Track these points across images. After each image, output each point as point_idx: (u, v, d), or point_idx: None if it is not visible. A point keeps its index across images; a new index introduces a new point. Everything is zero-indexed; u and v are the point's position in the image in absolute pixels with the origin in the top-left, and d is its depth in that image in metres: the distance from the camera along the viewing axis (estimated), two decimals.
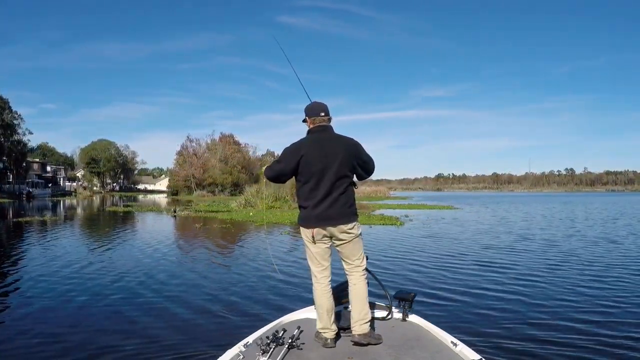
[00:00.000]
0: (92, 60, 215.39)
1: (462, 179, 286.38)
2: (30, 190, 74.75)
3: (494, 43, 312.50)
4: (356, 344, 3.78)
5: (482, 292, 8.79)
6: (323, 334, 3.83)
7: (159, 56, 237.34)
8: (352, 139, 4.01)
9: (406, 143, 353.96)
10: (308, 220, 3.87)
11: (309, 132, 4.00)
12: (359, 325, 3.83)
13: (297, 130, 4.13)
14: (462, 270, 11.00)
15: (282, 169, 3.94)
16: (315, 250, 3.91)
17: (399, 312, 4.44)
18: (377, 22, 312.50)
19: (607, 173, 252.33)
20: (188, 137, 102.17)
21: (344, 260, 4.01)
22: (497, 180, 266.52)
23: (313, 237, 3.86)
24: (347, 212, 3.86)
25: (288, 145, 3.97)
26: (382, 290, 4.55)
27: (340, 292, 4.25)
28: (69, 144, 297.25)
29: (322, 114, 3.97)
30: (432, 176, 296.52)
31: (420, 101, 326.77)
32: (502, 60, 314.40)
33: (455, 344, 3.71)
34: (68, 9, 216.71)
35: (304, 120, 4.06)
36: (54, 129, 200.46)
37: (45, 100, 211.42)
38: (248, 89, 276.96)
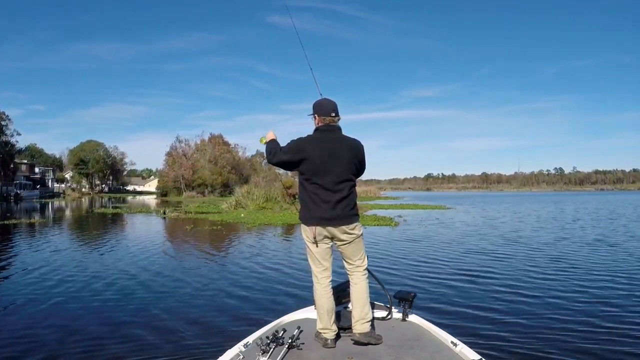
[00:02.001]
0: (81, 60, 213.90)
1: (452, 178, 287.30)
2: (19, 192, 74.25)
3: (484, 43, 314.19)
4: (356, 342, 3.76)
5: (483, 292, 8.81)
6: (323, 334, 3.80)
7: (148, 56, 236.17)
8: (357, 141, 4.01)
9: (396, 143, 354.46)
10: (310, 219, 3.84)
11: (316, 129, 3.95)
12: (360, 324, 3.81)
13: (288, 131, 4.11)
14: (461, 271, 11.02)
15: (287, 161, 3.92)
16: (316, 250, 3.88)
17: (398, 312, 4.42)
18: (367, 23, 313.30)
19: (596, 172, 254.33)
20: (177, 137, 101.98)
21: (345, 261, 4.00)
22: (487, 180, 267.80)
23: (314, 237, 3.82)
24: (348, 214, 3.85)
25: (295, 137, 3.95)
26: (382, 290, 4.52)
27: (340, 292, 4.22)
28: (57, 145, 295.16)
29: (333, 113, 3.93)
30: (422, 176, 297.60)
31: (410, 101, 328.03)
32: (491, 61, 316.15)
33: (455, 344, 3.70)
34: (57, 9, 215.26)
35: (312, 115, 4.00)
36: (42, 130, 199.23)
37: (33, 101, 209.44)
38: (238, 89, 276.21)
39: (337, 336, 3.87)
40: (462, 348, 3.62)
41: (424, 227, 23.01)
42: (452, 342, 3.74)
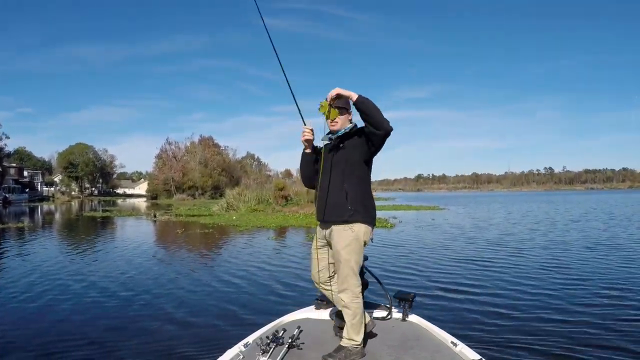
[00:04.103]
0: (70, 63, 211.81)
1: (442, 179, 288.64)
2: (7, 195, 73.39)
3: (473, 44, 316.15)
4: None
5: (483, 292, 8.85)
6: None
7: (138, 58, 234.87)
8: None
9: (386, 144, 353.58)
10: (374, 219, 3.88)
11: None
12: None
13: (278, 133, 3.98)
14: (461, 271, 11.06)
15: None
16: None
17: (398, 312, 4.42)
18: (357, 23, 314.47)
19: (586, 171, 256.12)
20: (167, 140, 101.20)
21: None
22: (477, 180, 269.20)
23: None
24: None
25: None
26: (382, 290, 4.50)
27: None
28: (46, 148, 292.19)
29: None
30: (412, 177, 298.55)
31: (399, 102, 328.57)
32: (480, 61, 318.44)
33: (455, 344, 3.71)
34: (46, 12, 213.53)
35: (349, 112, 3.79)
36: (31, 133, 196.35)
37: (22, 104, 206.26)
38: (228, 91, 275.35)
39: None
40: (462, 348, 3.62)
41: (420, 229, 22.95)
42: (452, 342, 3.74)
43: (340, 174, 3.64)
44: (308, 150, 3.83)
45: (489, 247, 15.24)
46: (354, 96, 3.44)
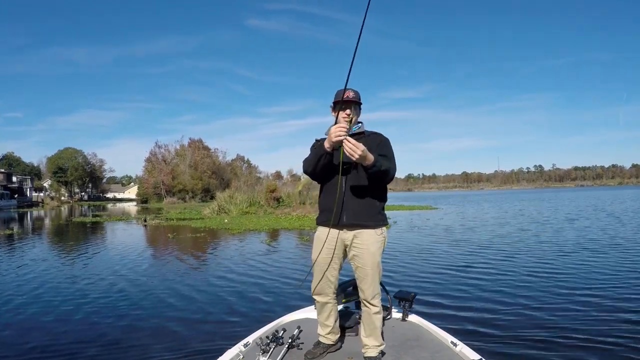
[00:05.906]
0: (57, 66, 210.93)
1: (432, 178, 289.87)
2: None
3: (462, 44, 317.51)
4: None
5: (484, 292, 8.81)
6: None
7: (125, 61, 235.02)
8: None
9: None
10: None
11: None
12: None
13: (267, 134, 3.87)
14: (463, 271, 11.03)
15: None
16: None
17: (398, 312, 4.43)
18: (345, 24, 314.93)
19: (576, 169, 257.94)
20: (156, 143, 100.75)
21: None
22: (467, 179, 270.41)
23: None
24: None
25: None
26: (382, 290, 4.48)
27: (342, 291, 4.17)
28: (35, 153, 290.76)
29: None
30: (402, 177, 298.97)
31: (388, 102, 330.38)
32: (469, 61, 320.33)
33: (455, 344, 3.71)
34: (33, 13, 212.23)
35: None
36: (20, 138, 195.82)
37: (10, 109, 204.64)
38: (216, 92, 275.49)
39: (342, 336, 3.86)
40: (462, 348, 3.62)
41: (416, 229, 22.86)
42: (452, 342, 3.74)
43: (364, 177, 3.40)
44: (329, 150, 3.30)
45: (487, 248, 15.14)
46: (371, 161, 3.18)
